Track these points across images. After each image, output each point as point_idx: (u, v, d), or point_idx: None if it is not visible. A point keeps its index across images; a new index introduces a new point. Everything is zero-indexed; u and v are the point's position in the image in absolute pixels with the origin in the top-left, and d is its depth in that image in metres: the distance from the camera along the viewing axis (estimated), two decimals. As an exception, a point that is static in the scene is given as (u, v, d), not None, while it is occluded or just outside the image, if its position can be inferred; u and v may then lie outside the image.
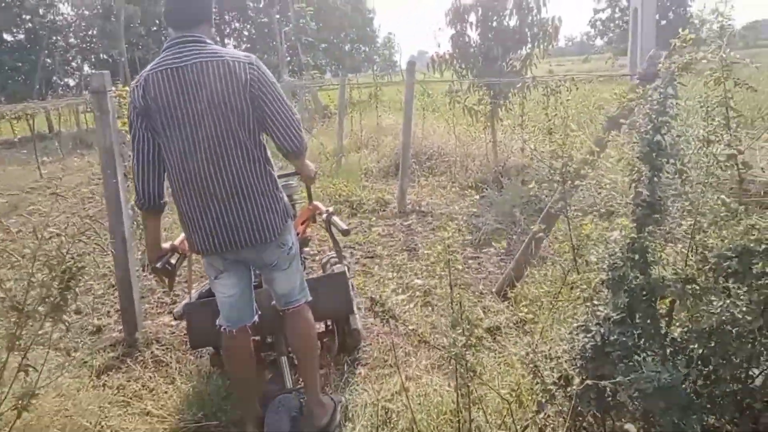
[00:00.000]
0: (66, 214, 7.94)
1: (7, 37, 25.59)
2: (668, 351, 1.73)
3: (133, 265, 3.60)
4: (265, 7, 27.28)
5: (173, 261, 2.34)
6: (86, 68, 26.35)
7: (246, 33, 28.63)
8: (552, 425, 2.08)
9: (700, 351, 1.71)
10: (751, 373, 1.66)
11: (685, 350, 1.75)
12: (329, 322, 3.10)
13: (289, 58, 24.47)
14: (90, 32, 25.27)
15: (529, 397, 2.31)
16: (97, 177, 8.53)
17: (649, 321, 1.73)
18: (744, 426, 1.64)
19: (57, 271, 1.61)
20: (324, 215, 3.12)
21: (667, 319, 1.84)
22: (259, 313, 2.41)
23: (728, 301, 1.58)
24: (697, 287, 1.66)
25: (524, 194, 5.91)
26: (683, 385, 1.55)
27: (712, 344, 1.65)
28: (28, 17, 25.24)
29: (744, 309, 1.53)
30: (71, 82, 25.49)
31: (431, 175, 8.06)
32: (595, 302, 1.91)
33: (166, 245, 2.36)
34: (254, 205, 2.08)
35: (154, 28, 25.01)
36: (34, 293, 1.66)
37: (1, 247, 1.79)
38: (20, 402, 1.71)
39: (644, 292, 1.72)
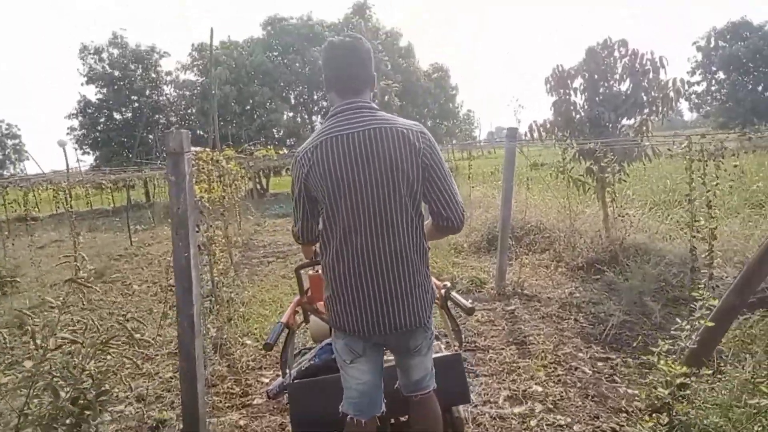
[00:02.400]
0: (148, 282, 7.79)
1: (116, 115, 27.98)
2: None
3: (201, 352, 3.05)
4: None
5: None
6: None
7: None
8: None
9: None
10: None
11: None
12: None
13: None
14: (189, 110, 27.13)
15: None
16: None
17: None
18: None
19: (64, 400, 1.05)
20: (442, 290, 2.57)
21: None
22: (385, 401, 2.18)
23: None
24: None
25: (653, 279, 4.95)
26: None
27: None
28: (135, 98, 27.59)
29: None
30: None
31: (531, 252, 7.23)
32: None
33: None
34: (414, 283, 1.94)
35: (247, 107, 26.38)
36: (28, 433, 1.10)
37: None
38: None
39: None
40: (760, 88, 36.95)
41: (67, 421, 1.18)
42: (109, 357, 1.36)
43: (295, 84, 29.00)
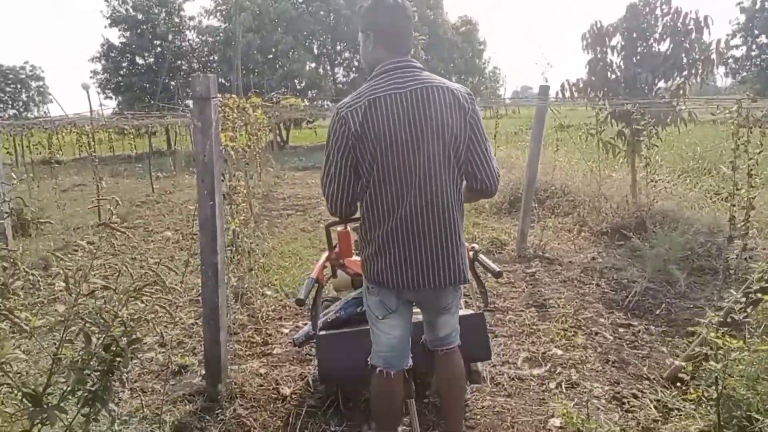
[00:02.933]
0: (170, 230, 7.88)
1: (139, 60, 27.76)
2: None
3: (224, 301, 3.07)
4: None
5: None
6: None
7: (356, 63, 29.05)
8: None
9: None
10: None
11: None
12: None
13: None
14: (212, 57, 26.79)
15: None
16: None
17: None
18: None
19: (96, 346, 1.04)
20: (471, 253, 2.54)
21: None
22: (412, 355, 2.25)
23: None
24: None
25: (679, 248, 4.84)
26: None
27: None
28: (158, 42, 27.26)
29: None
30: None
31: (554, 215, 7.12)
32: None
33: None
34: (458, 242, 1.99)
35: (270, 56, 25.96)
36: (62, 379, 1.09)
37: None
38: None
39: None
40: (803, 54, 35.33)
41: (99, 367, 1.18)
42: (140, 304, 1.36)
43: (319, 33, 28.37)
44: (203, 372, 3.22)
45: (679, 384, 2.84)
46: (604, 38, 6.72)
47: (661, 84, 6.55)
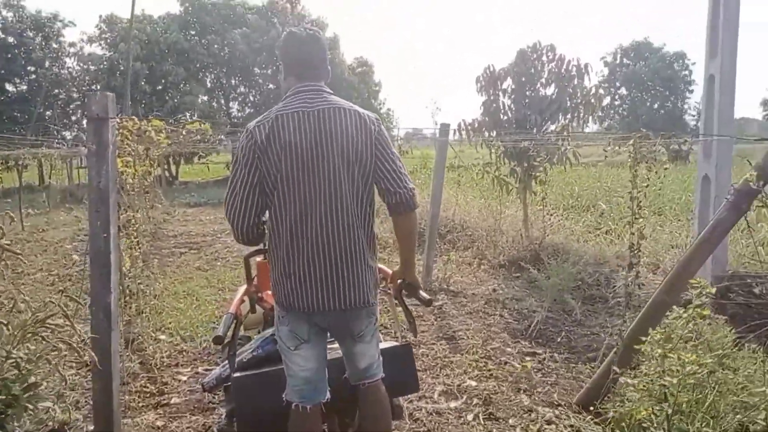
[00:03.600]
0: (43, 271, 7.06)
1: (9, 87, 25.28)
2: None
3: (117, 346, 2.74)
4: (272, 75, 27.43)
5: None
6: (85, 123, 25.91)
7: (251, 98, 28.67)
8: None
9: None
10: None
11: None
12: None
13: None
14: (94, 86, 25.04)
15: None
16: (84, 233, 7.73)
17: None
18: None
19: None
20: (399, 281, 2.39)
21: None
22: (329, 387, 2.17)
23: None
24: None
25: (572, 278, 5.15)
26: None
27: None
28: (32, 69, 25.04)
29: None
30: (68, 135, 24.97)
31: (454, 249, 7.32)
32: None
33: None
34: (362, 263, 1.97)
35: (159, 87, 24.84)
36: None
37: None
38: None
39: None
40: (656, 105, 40.37)
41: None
42: (42, 342, 1.12)
43: (212, 67, 27.69)
44: (91, 428, 2.82)
45: (591, 408, 2.93)
46: (496, 81, 7.18)
47: (549, 125, 7.08)
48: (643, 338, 2.75)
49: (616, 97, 41.20)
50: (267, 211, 2.01)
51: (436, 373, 3.63)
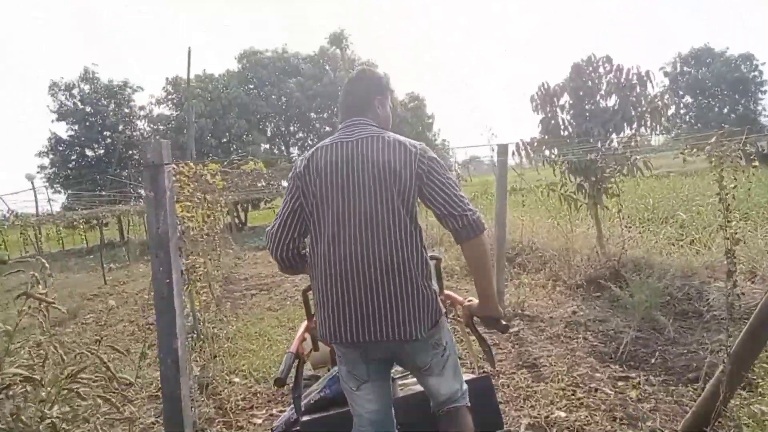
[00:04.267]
0: (124, 322, 7.33)
1: (88, 152, 27.28)
2: None
3: (188, 393, 2.70)
4: (327, 118, 28.22)
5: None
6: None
7: (310, 142, 29.49)
8: None
9: None
10: None
11: None
12: None
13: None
14: (165, 146, 26.55)
15: None
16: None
17: None
18: None
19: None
20: (464, 307, 2.25)
21: None
22: (398, 428, 2.08)
23: None
24: None
25: (659, 294, 4.75)
26: None
27: None
28: (107, 134, 26.96)
29: None
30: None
31: (525, 272, 7.01)
32: None
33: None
34: (405, 293, 1.82)
35: (224, 140, 26.07)
36: None
37: None
38: None
39: None
40: (726, 110, 38.17)
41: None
42: (78, 399, 1.07)
43: (272, 116, 28.82)
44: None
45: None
46: (552, 98, 6.94)
47: (614, 136, 6.73)
48: (754, 353, 2.44)
49: (681, 106, 39.33)
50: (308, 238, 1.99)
51: (519, 405, 3.37)
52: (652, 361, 3.82)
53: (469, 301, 2.27)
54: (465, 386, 2.09)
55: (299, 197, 1.94)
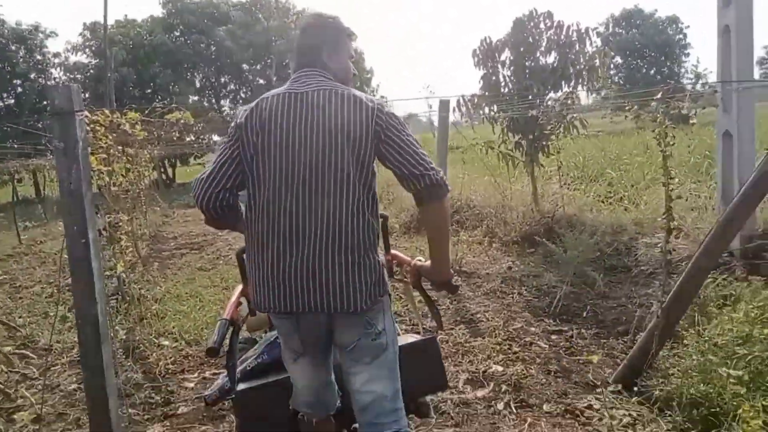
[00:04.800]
0: (42, 283, 6.83)
1: (-3, 103, 25.03)
2: None
3: (110, 359, 2.50)
4: (261, 70, 27.09)
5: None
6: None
7: (242, 95, 28.32)
8: None
9: None
10: None
11: None
12: None
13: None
14: (83, 95, 24.73)
15: None
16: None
17: None
18: None
19: None
20: (414, 266, 2.06)
21: None
22: (341, 394, 1.97)
23: None
24: None
25: (591, 249, 4.90)
26: None
27: None
28: (17, 82, 24.71)
29: None
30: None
31: (462, 229, 7.07)
32: None
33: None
34: (346, 263, 1.64)
35: (148, 90, 24.52)
36: None
37: None
38: None
39: None
40: (652, 71, 39.92)
41: None
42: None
43: (201, 66, 27.32)
44: (90, 451, 2.60)
45: (635, 388, 2.69)
46: (494, 53, 6.88)
47: (551, 95, 6.78)
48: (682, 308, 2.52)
49: (612, 66, 40.82)
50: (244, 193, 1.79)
51: (458, 360, 3.39)
52: (584, 314, 3.95)
53: (419, 260, 2.15)
54: (402, 411, 1.80)
55: (239, 147, 1.74)
